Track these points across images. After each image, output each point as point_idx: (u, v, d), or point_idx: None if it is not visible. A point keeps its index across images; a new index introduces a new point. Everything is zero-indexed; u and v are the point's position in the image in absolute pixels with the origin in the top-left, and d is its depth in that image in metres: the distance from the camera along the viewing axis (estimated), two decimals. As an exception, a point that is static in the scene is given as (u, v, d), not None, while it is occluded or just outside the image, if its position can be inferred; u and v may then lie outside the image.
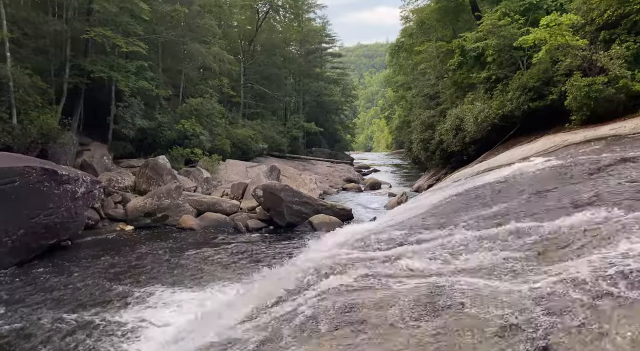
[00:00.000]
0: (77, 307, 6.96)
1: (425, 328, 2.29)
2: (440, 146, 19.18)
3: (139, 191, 15.59)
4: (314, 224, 13.13)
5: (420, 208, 7.05)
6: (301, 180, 21.90)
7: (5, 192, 8.86)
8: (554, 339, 1.85)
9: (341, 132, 49.49)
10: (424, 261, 3.46)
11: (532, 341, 1.89)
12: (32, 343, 5.80)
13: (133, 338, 5.90)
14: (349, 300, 2.94)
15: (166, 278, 8.35)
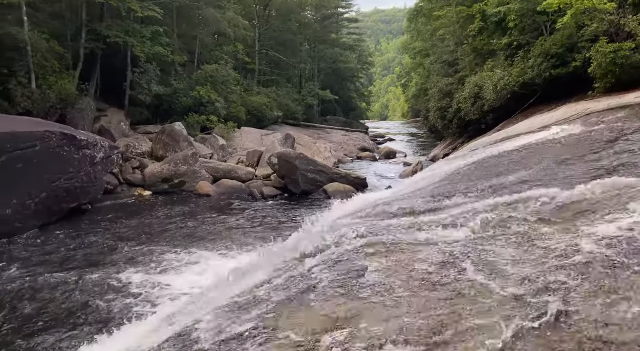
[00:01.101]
0: (98, 268, 7.20)
1: (438, 294, 2.32)
2: (457, 114, 18.87)
3: (156, 157, 15.78)
4: (329, 192, 13.19)
5: (436, 177, 7.01)
6: (316, 148, 21.90)
7: (27, 156, 9.03)
8: (572, 304, 1.86)
9: (356, 101, 48.92)
10: (439, 229, 3.47)
11: (549, 305, 1.90)
12: (53, 301, 6.04)
13: (154, 299, 6.10)
14: (362, 265, 2.98)
15: (185, 243, 8.55)
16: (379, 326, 2.10)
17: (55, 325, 5.41)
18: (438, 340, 1.92)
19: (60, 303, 5.97)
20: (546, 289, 2.05)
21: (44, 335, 5.20)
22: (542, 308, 1.89)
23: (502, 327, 1.85)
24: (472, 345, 1.83)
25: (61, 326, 5.39)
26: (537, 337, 1.75)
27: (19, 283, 6.62)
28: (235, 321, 2.76)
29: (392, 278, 2.64)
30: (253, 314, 2.76)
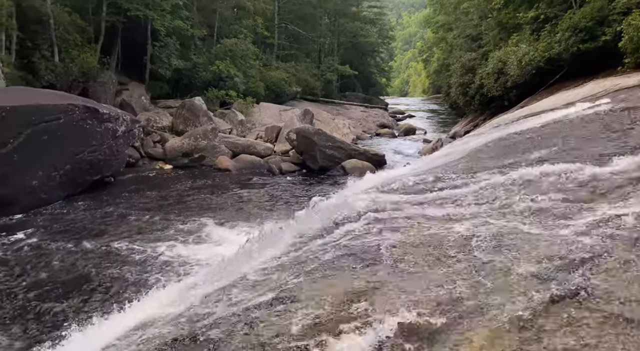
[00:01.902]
0: (120, 238, 7.41)
1: (458, 267, 2.33)
2: (480, 90, 18.49)
3: (176, 131, 15.93)
4: (347, 169, 13.17)
5: (456, 154, 6.93)
6: (334, 124, 21.78)
7: (52, 128, 9.21)
8: (592, 281, 1.85)
9: (376, 76, 48.18)
10: (459, 205, 3.46)
11: (570, 282, 1.90)
12: (78, 270, 6.25)
13: (175, 269, 6.27)
14: (379, 240, 3.00)
15: (205, 215, 8.69)
16: (397, 299, 2.13)
17: (78, 293, 5.62)
18: (456, 312, 1.94)
19: (84, 271, 6.19)
20: (567, 265, 2.04)
21: (67, 301, 5.41)
22: (563, 284, 1.88)
23: (521, 302, 1.85)
24: (490, 319, 1.84)
25: (84, 294, 5.59)
26: (556, 313, 1.75)
27: (46, 252, 6.87)
28: (255, 291, 2.82)
29: (410, 253, 2.66)
30: (272, 285, 2.82)
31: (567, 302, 1.78)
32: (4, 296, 5.57)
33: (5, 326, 4.95)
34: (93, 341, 3.06)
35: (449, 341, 1.79)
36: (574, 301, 1.78)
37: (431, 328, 1.90)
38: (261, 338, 2.14)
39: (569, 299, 1.80)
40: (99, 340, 3.00)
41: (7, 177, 8.25)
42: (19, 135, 8.49)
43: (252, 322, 2.31)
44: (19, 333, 4.82)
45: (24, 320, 5.05)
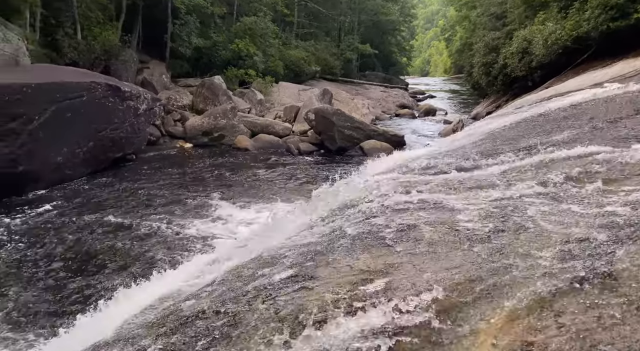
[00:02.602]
0: (142, 213, 7.57)
1: (481, 249, 2.32)
2: (503, 70, 18.06)
3: (196, 110, 16.03)
4: (365, 149, 13.11)
5: (477, 135, 6.83)
6: (353, 104, 21.60)
7: (75, 106, 9.37)
8: (618, 265, 1.82)
9: (397, 55, 47.35)
10: (480, 187, 3.42)
11: (594, 265, 1.87)
12: (101, 243, 6.43)
13: (195, 245, 6.39)
14: (399, 220, 3.00)
15: (224, 194, 8.81)
16: (417, 278, 2.14)
17: (99, 266, 5.80)
18: (475, 292, 1.94)
19: (106, 245, 6.37)
20: (592, 248, 2.02)
21: (88, 273, 5.59)
22: (587, 268, 1.86)
23: (543, 285, 1.84)
24: (510, 299, 1.84)
25: (105, 267, 5.77)
26: (579, 297, 1.73)
27: (70, 225, 7.07)
28: (274, 268, 2.86)
29: (430, 233, 2.66)
30: (291, 263, 2.85)
31: (590, 285, 1.76)
32: (30, 266, 5.79)
33: (27, 295, 5.14)
34: (113, 315, 3.15)
35: (468, 321, 1.80)
36: (597, 284, 1.76)
37: (450, 307, 1.90)
38: (280, 313, 2.18)
39: (592, 282, 1.78)
40: (119, 314, 3.09)
41: (33, 153, 8.46)
42: (44, 111, 8.67)
43: (271, 298, 2.35)
44: (40, 304, 5.01)
45: (47, 290, 5.25)
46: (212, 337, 2.14)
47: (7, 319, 4.70)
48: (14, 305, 4.95)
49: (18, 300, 5.06)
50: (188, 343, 2.16)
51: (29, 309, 4.90)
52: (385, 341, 1.80)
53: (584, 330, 1.57)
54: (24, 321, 4.67)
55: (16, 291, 5.21)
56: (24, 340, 4.35)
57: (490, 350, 1.63)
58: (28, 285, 5.37)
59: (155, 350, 2.20)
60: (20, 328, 4.54)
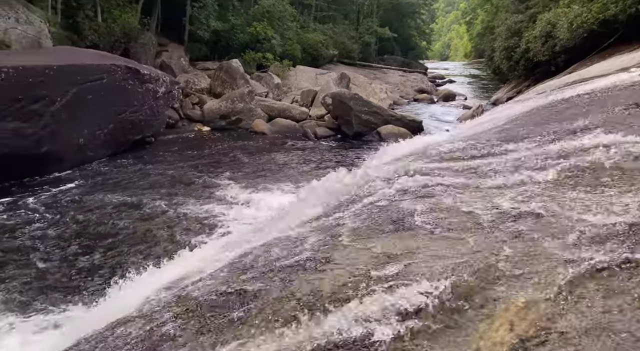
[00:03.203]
0: (161, 195, 7.71)
1: (499, 234, 2.31)
2: (525, 55, 17.66)
3: (214, 94, 16.08)
4: (382, 134, 13.03)
5: (497, 121, 6.72)
6: (371, 89, 21.41)
7: (95, 88, 9.48)
8: (639, 253, 1.80)
9: (416, 39, 46.56)
10: (499, 173, 3.39)
11: (615, 252, 1.85)
12: (118, 222, 6.57)
13: (212, 227, 6.49)
14: (414, 205, 2.99)
15: (242, 177, 8.89)
16: (434, 262, 2.14)
17: (119, 245, 5.94)
18: (492, 279, 1.94)
19: (126, 225, 6.52)
20: (613, 236, 1.99)
21: (108, 252, 5.73)
22: (607, 255, 1.84)
23: (562, 271, 1.83)
24: (527, 286, 1.84)
25: (124, 246, 5.91)
26: (598, 284, 1.72)
27: (92, 204, 7.25)
28: (290, 251, 2.89)
29: (446, 219, 2.65)
30: (307, 246, 2.88)
31: (611, 272, 1.75)
32: (53, 242, 5.96)
33: (50, 271, 5.31)
34: (134, 293, 3.23)
35: (485, 306, 1.80)
36: (618, 271, 1.75)
37: (467, 292, 1.91)
38: (296, 294, 2.21)
39: (613, 269, 1.76)
40: (140, 292, 3.16)
41: (56, 134, 8.63)
42: (65, 93, 8.80)
43: (287, 279, 2.38)
44: (62, 279, 5.16)
45: (69, 265, 5.40)
46: (229, 316, 2.19)
47: (29, 292, 4.86)
48: (35, 280, 5.12)
49: (40, 275, 5.22)
50: (206, 321, 2.21)
51: (52, 284, 5.06)
52: (401, 323, 1.82)
53: (604, 316, 1.56)
54: (46, 295, 4.82)
55: (39, 267, 5.39)
56: (47, 313, 4.50)
57: (507, 334, 1.63)
58: (51, 261, 5.54)
59: (175, 327, 2.26)
60: (43, 302, 4.70)
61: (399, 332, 1.78)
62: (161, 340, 2.18)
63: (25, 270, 5.30)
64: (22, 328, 4.30)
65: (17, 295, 4.79)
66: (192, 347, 2.02)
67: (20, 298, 4.74)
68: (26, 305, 4.63)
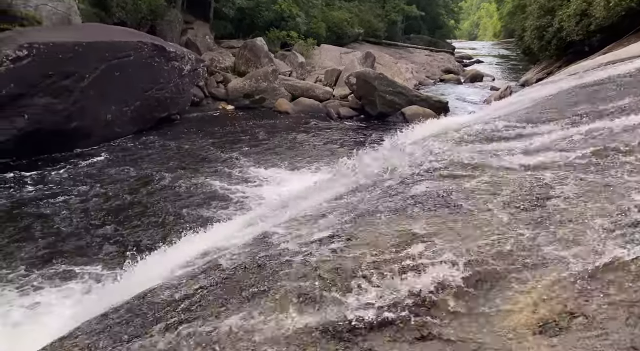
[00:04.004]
0: (187, 171, 7.85)
1: (525, 218, 2.27)
2: (558, 35, 17.04)
3: (239, 72, 16.08)
4: (407, 115, 12.86)
5: (527, 102, 6.54)
6: (397, 69, 21.06)
7: (123, 65, 9.60)
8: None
9: (444, 18, 45.36)
10: (528, 155, 3.31)
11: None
12: (143, 197, 6.73)
13: (236, 204, 6.58)
14: (440, 185, 2.96)
15: (264, 156, 8.95)
16: (457, 244, 2.13)
17: (143, 220, 6.09)
18: (519, 261, 1.91)
19: (151, 200, 6.67)
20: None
21: (132, 227, 5.89)
22: (637, 240, 1.79)
23: (593, 256, 1.79)
24: (555, 270, 1.81)
25: (149, 222, 6.06)
26: (628, 269, 1.69)
27: (118, 179, 7.44)
28: (314, 228, 2.91)
29: (472, 201, 2.61)
30: (331, 223, 2.89)
31: None
32: (81, 215, 6.16)
33: (78, 242, 5.50)
34: (157, 269, 3.31)
35: (509, 289, 1.79)
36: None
37: (490, 275, 1.89)
38: (318, 271, 2.23)
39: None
40: (164, 266, 3.24)
41: (85, 110, 8.81)
42: (95, 70, 8.95)
43: (310, 256, 2.40)
44: (87, 249, 5.35)
45: (95, 239, 5.59)
46: (251, 290, 2.23)
47: (58, 260, 5.06)
48: (60, 247, 5.32)
49: (65, 243, 5.42)
50: (228, 294, 2.25)
51: (76, 252, 5.24)
52: (423, 304, 1.82)
53: (632, 302, 1.53)
54: (75, 265, 5.00)
55: (64, 235, 5.59)
56: (77, 281, 4.68)
57: (530, 317, 1.62)
58: (78, 230, 5.74)
59: (199, 298, 2.32)
60: (73, 271, 4.88)
61: (421, 313, 1.78)
62: (186, 309, 2.24)
63: (50, 238, 5.54)
64: (47, 293, 4.50)
65: (41, 261, 5.01)
66: (214, 317, 2.07)
67: (46, 264, 4.96)
68: (51, 270, 4.83)
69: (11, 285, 4.60)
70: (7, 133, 7.81)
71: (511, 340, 1.55)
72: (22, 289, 4.55)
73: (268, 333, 1.87)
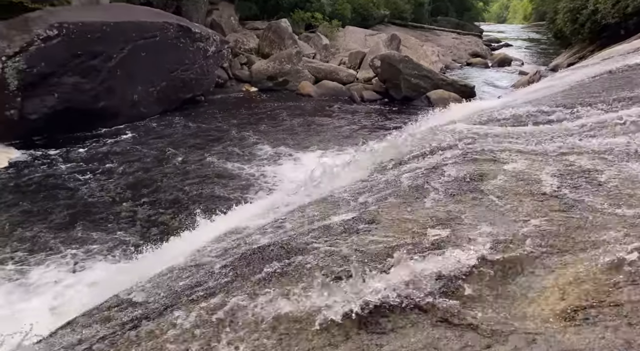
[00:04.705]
0: (210, 152, 7.96)
1: (554, 203, 2.22)
2: (592, 17, 16.41)
3: (262, 54, 16.03)
4: (432, 99, 12.66)
5: (557, 87, 6.36)
6: (422, 51, 20.66)
7: (149, 45, 9.68)
8: None
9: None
10: (557, 140, 3.23)
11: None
12: (168, 176, 6.87)
13: (259, 185, 6.63)
14: (466, 170, 2.92)
15: (287, 138, 8.97)
16: (482, 229, 2.10)
17: (168, 199, 6.21)
18: (544, 248, 1.88)
19: (175, 180, 6.81)
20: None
21: (159, 205, 6.02)
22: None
23: (622, 243, 1.75)
24: (582, 258, 1.77)
25: (174, 201, 6.17)
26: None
27: (143, 158, 7.60)
28: (337, 210, 2.92)
29: (499, 185, 2.57)
30: (354, 206, 2.89)
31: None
32: (109, 192, 6.33)
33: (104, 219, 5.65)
34: (182, 246, 3.37)
35: (536, 274, 1.76)
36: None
37: (516, 260, 1.87)
38: (342, 252, 2.24)
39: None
40: (187, 245, 3.30)
41: (112, 90, 8.96)
42: (121, 50, 9.05)
43: (334, 237, 2.41)
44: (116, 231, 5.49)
45: (117, 218, 5.73)
46: (275, 268, 2.25)
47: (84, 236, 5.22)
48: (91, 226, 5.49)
49: (95, 222, 5.58)
50: (252, 272, 2.28)
51: (106, 231, 5.39)
52: (447, 288, 1.81)
53: (665, 291, 1.49)
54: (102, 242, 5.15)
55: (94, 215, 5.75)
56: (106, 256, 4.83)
57: (557, 303, 1.59)
58: (105, 209, 5.89)
59: (222, 274, 2.35)
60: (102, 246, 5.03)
61: (445, 296, 1.77)
62: (210, 285, 2.28)
63: (77, 210, 5.74)
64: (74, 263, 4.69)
65: (68, 232, 5.20)
66: (238, 291, 2.10)
67: (74, 235, 5.15)
68: (79, 243, 5.01)
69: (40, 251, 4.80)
70: (38, 111, 8.02)
71: (537, 325, 1.53)
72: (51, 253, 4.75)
73: (288, 311, 1.89)
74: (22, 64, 7.66)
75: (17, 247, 4.90)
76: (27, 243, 4.96)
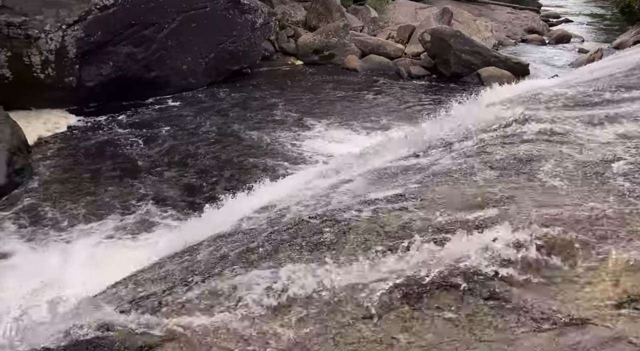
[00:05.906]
0: (254, 124, 8.09)
1: (611, 188, 2.14)
2: (666, -9, 15.15)
3: (309, 27, 15.85)
4: (482, 77, 12.18)
5: (619, 66, 5.96)
6: (475, 26, 19.82)
7: (199, 16, 9.77)
8: None
9: (532, -29, 41.60)
10: (616, 123, 3.07)
11: None
12: (213, 146, 7.10)
13: (302, 160, 6.70)
14: (521, 150, 2.83)
15: (331, 113, 8.96)
16: (531, 211, 2.05)
17: (214, 169, 6.43)
18: (599, 231, 1.82)
19: (221, 151, 7.01)
20: None
21: (203, 174, 6.24)
22: None
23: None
24: (639, 246, 1.71)
25: (222, 169, 6.38)
26: None
27: (193, 129, 7.83)
28: (381, 186, 2.91)
29: (553, 167, 2.49)
30: (398, 183, 2.88)
31: None
32: (162, 160, 6.60)
33: (154, 185, 5.91)
34: (230, 212, 3.46)
35: (588, 259, 1.71)
36: None
37: (568, 244, 1.82)
38: (385, 227, 2.25)
39: None
40: (234, 213, 3.38)
41: (163, 60, 9.17)
42: (172, 20, 9.20)
43: (376, 212, 2.41)
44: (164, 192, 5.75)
45: (170, 181, 5.99)
46: (317, 240, 2.29)
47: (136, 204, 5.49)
48: (142, 192, 5.75)
49: (146, 188, 5.85)
50: (298, 241, 2.33)
51: (157, 196, 5.65)
52: (488, 272, 1.79)
53: None
54: (152, 208, 5.40)
55: (144, 182, 6.02)
56: (155, 220, 5.08)
57: (611, 290, 1.55)
58: (156, 176, 6.17)
59: (266, 243, 2.41)
60: (151, 211, 5.29)
61: (490, 276, 1.76)
62: (254, 254, 2.35)
63: (120, 179, 6.09)
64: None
65: (114, 200, 5.51)
66: (280, 262, 2.16)
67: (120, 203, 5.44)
68: (123, 211, 5.29)
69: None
70: (94, 78, 8.34)
71: (588, 311, 1.50)
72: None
73: (331, 283, 1.93)
74: (80, 32, 7.94)
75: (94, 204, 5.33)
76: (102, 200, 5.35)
